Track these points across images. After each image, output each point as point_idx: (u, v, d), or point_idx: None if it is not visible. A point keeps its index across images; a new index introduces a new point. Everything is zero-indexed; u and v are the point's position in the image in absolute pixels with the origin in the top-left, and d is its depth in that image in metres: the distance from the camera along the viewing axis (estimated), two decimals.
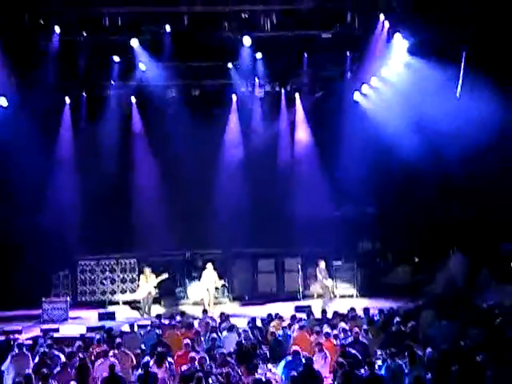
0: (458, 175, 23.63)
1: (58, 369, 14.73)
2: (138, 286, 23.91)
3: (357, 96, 26.95)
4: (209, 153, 26.93)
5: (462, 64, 21.41)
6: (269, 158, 27.40)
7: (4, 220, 25.82)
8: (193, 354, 15.13)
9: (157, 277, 23.48)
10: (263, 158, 27.14)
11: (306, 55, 24.93)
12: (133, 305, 24.47)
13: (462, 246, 25.61)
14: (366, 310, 19.12)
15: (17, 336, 18.19)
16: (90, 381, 15.04)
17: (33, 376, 13.88)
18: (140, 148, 27.63)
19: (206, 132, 26.34)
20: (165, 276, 23.56)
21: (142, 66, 24.53)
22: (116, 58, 24.13)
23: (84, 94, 26.36)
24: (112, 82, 25.61)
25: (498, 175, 24.06)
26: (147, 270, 23.73)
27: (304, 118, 28.10)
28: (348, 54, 25.14)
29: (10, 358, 15.56)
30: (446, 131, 22.39)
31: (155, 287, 23.50)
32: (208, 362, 14.89)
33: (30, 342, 17.53)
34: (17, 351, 15.71)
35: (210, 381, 13.92)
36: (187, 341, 16.08)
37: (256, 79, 26.29)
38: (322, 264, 23.92)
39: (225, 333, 17.49)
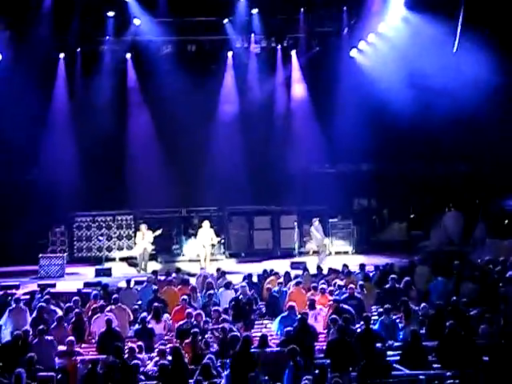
0: (453, 132, 23.59)
1: (55, 324, 14.83)
2: (135, 243, 23.94)
3: (353, 52, 26.75)
4: (204, 109, 26.76)
5: (460, 19, 21.21)
6: (264, 114, 27.28)
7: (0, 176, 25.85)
8: (189, 309, 15.22)
9: (152, 233, 23.52)
10: (259, 114, 27.02)
11: (302, 11, 24.67)
12: (129, 261, 24.56)
13: (457, 203, 25.71)
14: (362, 267, 19.19)
15: (14, 291, 18.26)
16: (87, 336, 15.17)
17: (30, 330, 13.98)
18: (135, 104, 27.44)
19: (202, 88, 26.12)
20: (159, 232, 23.58)
21: (136, 22, 24.28)
22: (110, 13, 23.85)
23: (78, 49, 26.10)
24: (106, 38, 25.36)
25: (493, 132, 24.09)
26: (143, 227, 23.77)
27: (300, 74, 27.91)
28: (345, 9, 24.88)
29: (7, 312, 15.64)
30: (442, 87, 22.32)
31: (151, 243, 23.55)
32: (204, 317, 15.00)
33: (27, 297, 17.59)
34: (14, 306, 15.78)
35: (206, 336, 14.03)
36: (184, 297, 16.16)
37: (252, 35, 26.07)
38: (317, 222, 23.97)
39: (221, 289, 17.54)
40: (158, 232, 23.61)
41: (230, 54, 27.21)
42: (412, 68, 23.07)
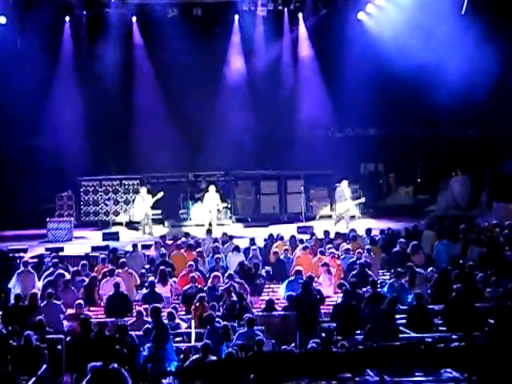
0: (461, 95, 23.43)
1: (62, 287, 14.96)
2: (134, 206, 23.94)
3: (361, 15, 26.52)
4: (211, 73, 26.63)
5: None
6: (271, 78, 27.13)
7: (6, 141, 25.84)
8: (193, 274, 15.28)
9: (153, 197, 23.52)
10: (265, 78, 26.89)
11: None
12: (136, 225, 24.60)
13: (464, 167, 25.64)
14: (369, 231, 19.23)
15: (22, 254, 18.40)
16: (96, 299, 15.29)
17: (39, 294, 14.11)
18: (141, 69, 27.32)
19: (208, 52, 26.01)
20: (160, 195, 23.54)
21: None
22: None
23: (84, 12, 25.92)
24: (112, 1, 25.17)
25: (501, 95, 23.94)
26: (143, 191, 23.77)
27: (307, 37, 27.70)
28: None
29: (15, 275, 15.79)
30: (450, 50, 22.15)
31: (151, 207, 23.56)
32: (211, 281, 15.10)
33: (35, 260, 17.71)
34: (22, 269, 15.92)
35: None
36: (190, 262, 16.22)
37: None
38: (345, 183, 23.73)
39: (229, 253, 17.61)
40: (160, 195, 23.55)
41: (236, 17, 27.00)
42: (420, 31, 22.85)
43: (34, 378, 10.94)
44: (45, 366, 11.46)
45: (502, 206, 22.56)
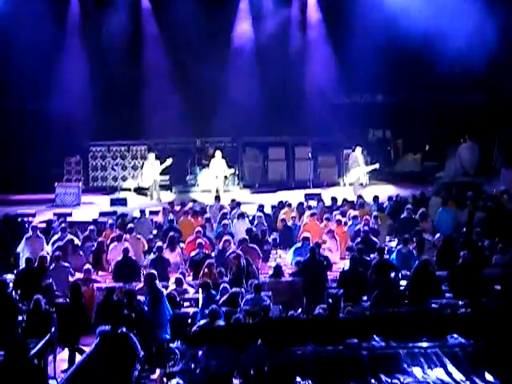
0: (470, 62, 23.24)
1: (71, 251, 15.04)
2: (142, 173, 23.99)
3: None
4: (219, 39, 26.46)
5: None
6: (279, 44, 26.90)
7: (15, 106, 25.84)
8: (200, 240, 15.33)
9: (161, 163, 23.53)
10: (274, 44, 26.66)
11: None
12: (144, 191, 24.65)
13: (473, 133, 25.52)
14: (376, 198, 19.23)
15: (31, 219, 18.48)
16: (104, 264, 15.38)
17: (48, 257, 14.19)
18: (149, 35, 27.17)
19: (216, 18, 25.80)
20: (169, 162, 23.55)
21: None
22: None
23: None
24: None
25: (509, 60, 23.76)
26: (151, 157, 23.77)
27: (315, 2, 27.45)
28: None
29: (24, 240, 15.89)
30: (458, 16, 21.93)
31: (160, 173, 23.59)
32: (222, 244, 15.15)
33: (43, 225, 17.79)
34: (31, 233, 16.01)
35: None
36: (198, 228, 16.25)
37: None
38: (358, 150, 23.59)
39: (235, 220, 17.63)
40: (168, 162, 23.56)
41: None
42: None
43: (43, 342, 11.03)
44: (53, 330, 11.57)
45: (510, 173, 22.48)
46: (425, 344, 9.93)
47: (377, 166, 24.22)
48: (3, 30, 23.85)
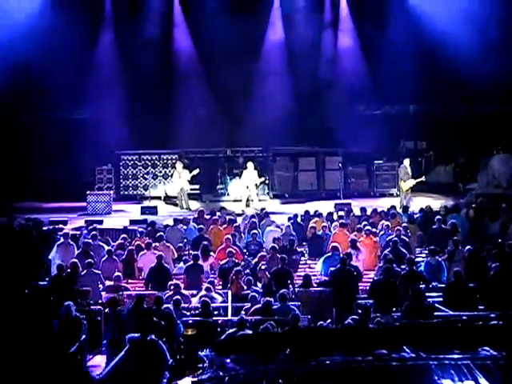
0: (503, 72, 23.05)
1: (105, 257, 15.14)
2: (172, 182, 24.10)
3: None
4: (251, 47, 26.55)
5: None
6: (311, 53, 26.91)
7: (47, 114, 26.12)
8: (231, 248, 15.34)
9: (190, 172, 23.61)
10: (305, 53, 26.67)
11: None
12: (174, 200, 24.74)
13: (506, 145, 25.26)
14: (405, 208, 19.09)
15: (62, 226, 18.61)
16: (135, 271, 15.44)
17: (79, 264, 14.27)
18: (181, 42, 27.34)
19: (248, 25, 25.84)
20: (197, 171, 23.65)
21: None
22: None
23: None
24: None
25: None
26: (179, 166, 23.87)
27: (348, 11, 27.42)
28: None
29: (55, 247, 16.01)
30: (497, 25, 21.76)
31: (189, 182, 23.69)
32: (247, 256, 15.15)
33: (75, 232, 17.90)
34: (62, 241, 16.14)
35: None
36: (228, 236, 16.26)
37: None
38: (407, 162, 23.51)
39: (268, 228, 17.63)
40: (195, 172, 23.65)
41: None
42: (466, 7, 22.47)
43: (73, 348, 11.08)
44: (84, 337, 11.62)
45: None
46: (456, 356, 9.79)
47: (423, 178, 23.94)
48: (38, 40, 24.11)
